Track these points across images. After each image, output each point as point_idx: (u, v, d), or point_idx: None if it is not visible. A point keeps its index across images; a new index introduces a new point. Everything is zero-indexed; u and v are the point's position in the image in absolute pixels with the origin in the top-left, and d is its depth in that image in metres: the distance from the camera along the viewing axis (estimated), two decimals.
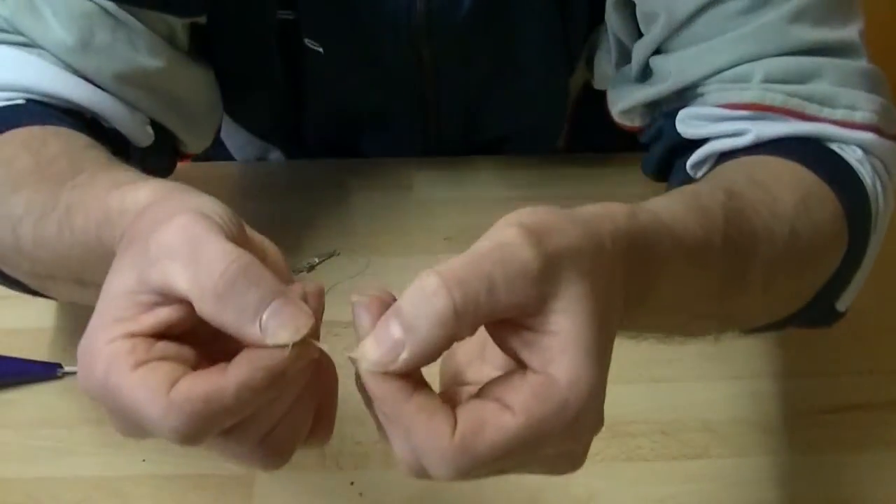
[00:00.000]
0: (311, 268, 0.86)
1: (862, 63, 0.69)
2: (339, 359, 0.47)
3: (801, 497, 0.71)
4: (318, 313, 0.46)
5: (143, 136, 0.74)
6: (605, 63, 0.81)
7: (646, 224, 0.50)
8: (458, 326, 0.42)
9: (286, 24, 0.81)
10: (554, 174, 0.94)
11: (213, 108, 0.84)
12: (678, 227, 0.53)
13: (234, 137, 1.00)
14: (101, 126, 0.72)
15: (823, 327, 0.70)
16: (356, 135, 0.96)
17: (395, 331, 0.42)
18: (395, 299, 0.43)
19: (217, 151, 0.98)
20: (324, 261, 0.86)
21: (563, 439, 0.44)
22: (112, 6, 0.70)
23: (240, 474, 0.71)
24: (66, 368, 0.75)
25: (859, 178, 0.67)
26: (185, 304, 0.44)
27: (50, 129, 0.66)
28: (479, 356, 0.48)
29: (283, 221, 0.90)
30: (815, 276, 0.65)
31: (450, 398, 0.45)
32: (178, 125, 0.78)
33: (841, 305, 0.69)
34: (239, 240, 0.46)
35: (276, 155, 1.00)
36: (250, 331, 0.43)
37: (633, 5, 0.73)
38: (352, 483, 0.70)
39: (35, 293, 0.65)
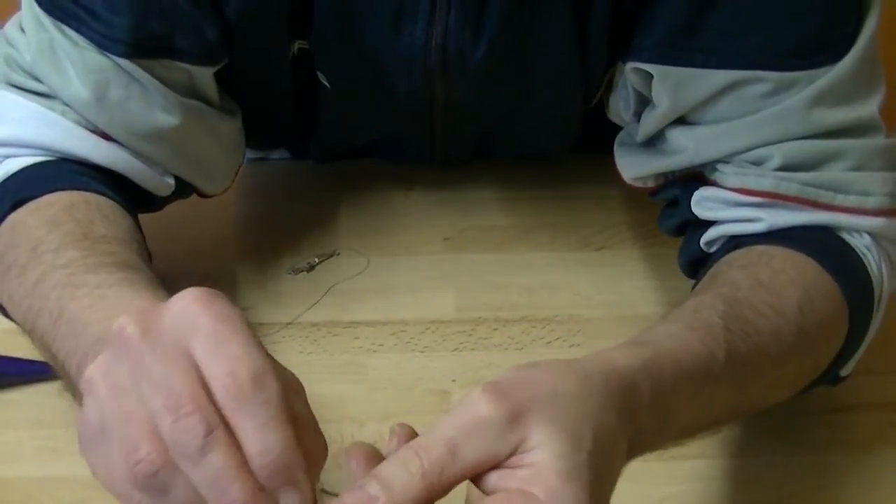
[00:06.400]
0: (312, 268, 0.86)
1: (880, 140, 0.70)
2: (337, 358, 0.47)
3: (801, 497, 0.71)
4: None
5: (162, 186, 0.76)
6: (622, 108, 0.80)
7: (647, 358, 0.54)
8: (427, 487, 0.47)
9: (303, 53, 0.80)
10: (554, 175, 0.94)
11: (233, 155, 0.83)
12: (680, 351, 0.56)
13: None
14: (124, 177, 0.74)
15: (827, 386, 0.72)
16: (364, 158, 0.96)
17: (373, 489, 0.47)
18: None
19: None
20: (324, 261, 0.86)
21: None
22: (126, 62, 0.71)
23: None
24: None
25: (865, 268, 0.68)
26: None
27: (92, 202, 0.69)
28: None
29: (283, 221, 0.90)
30: (818, 364, 0.67)
31: None
32: (195, 176, 0.79)
33: (844, 372, 0.71)
34: None
35: (277, 154, 1.00)
36: None
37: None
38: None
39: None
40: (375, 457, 0.50)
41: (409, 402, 0.76)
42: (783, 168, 0.69)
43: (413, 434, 0.51)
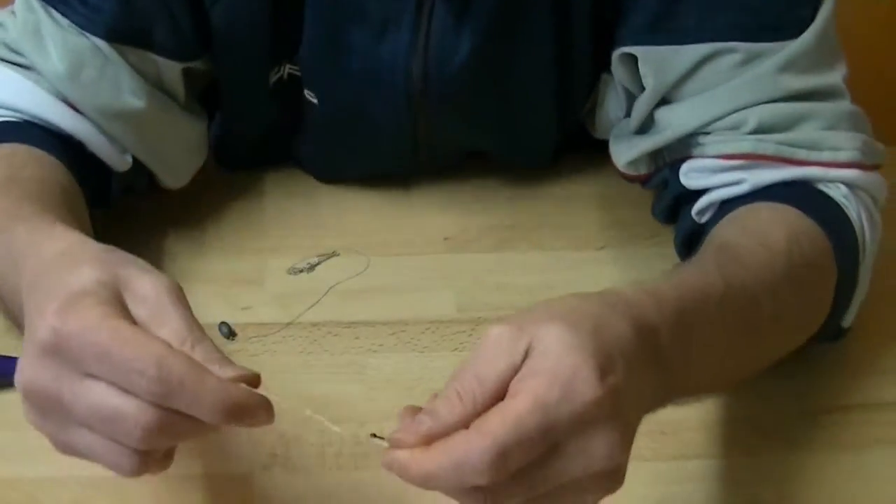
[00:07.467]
0: (312, 268, 0.86)
1: (846, 105, 0.77)
2: (337, 358, 0.46)
3: (801, 497, 0.71)
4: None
5: (120, 162, 0.81)
6: (611, 113, 0.86)
7: (643, 287, 0.58)
8: (464, 410, 0.51)
9: (293, 78, 0.85)
10: (554, 174, 0.94)
11: (193, 154, 0.88)
12: (672, 276, 0.62)
13: None
14: (85, 149, 0.79)
15: (833, 342, 0.77)
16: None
17: (421, 418, 0.52)
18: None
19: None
20: (324, 261, 0.86)
21: (571, 425, 0.50)
22: (104, 44, 0.77)
23: (240, 474, 0.71)
24: None
25: (845, 214, 0.74)
26: None
27: (35, 153, 0.75)
28: None
29: (283, 222, 0.90)
30: (815, 304, 0.71)
31: None
32: (153, 163, 0.83)
33: (845, 323, 0.76)
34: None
35: None
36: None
37: (636, 59, 0.78)
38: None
39: None
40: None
41: (408, 402, 0.74)
42: (759, 130, 0.74)
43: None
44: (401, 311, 0.82)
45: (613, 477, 0.52)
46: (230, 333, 0.79)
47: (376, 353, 0.79)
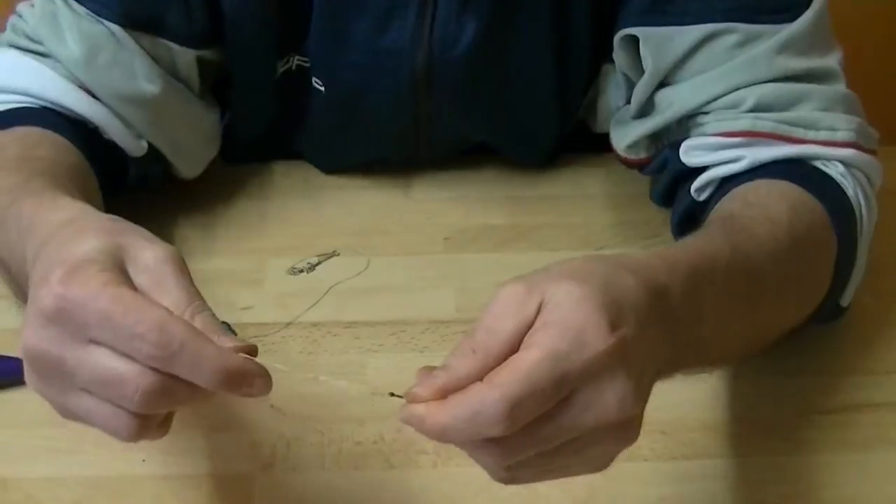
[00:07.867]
0: (312, 268, 0.86)
1: (841, 88, 0.78)
2: (337, 358, 0.47)
3: (801, 497, 0.71)
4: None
5: (136, 147, 0.82)
6: (613, 102, 0.87)
7: (652, 252, 0.60)
8: (477, 362, 0.52)
9: (300, 69, 0.87)
10: (554, 175, 0.94)
11: (206, 144, 0.89)
12: (681, 244, 0.64)
13: None
14: (101, 137, 0.81)
15: (832, 322, 0.78)
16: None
17: (436, 372, 0.52)
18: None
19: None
20: (324, 261, 0.86)
21: (582, 375, 0.50)
22: (119, 30, 0.79)
23: (240, 474, 0.71)
24: None
25: (842, 190, 0.75)
26: None
27: (49, 135, 0.76)
28: None
29: (283, 221, 0.90)
30: (815, 279, 0.72)
31: None
32: (167, 149, 0.84)
33: (844, 301, 0.76)
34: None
35: None
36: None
37: (638, 41, 0.79)
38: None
39: None
40: None
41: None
42: (757, 109, 0.76)
43: None
44: (401, 311, 0.82)
45: (627, 428, 0.52)
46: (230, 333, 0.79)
47: (376, 353, 0.79)
